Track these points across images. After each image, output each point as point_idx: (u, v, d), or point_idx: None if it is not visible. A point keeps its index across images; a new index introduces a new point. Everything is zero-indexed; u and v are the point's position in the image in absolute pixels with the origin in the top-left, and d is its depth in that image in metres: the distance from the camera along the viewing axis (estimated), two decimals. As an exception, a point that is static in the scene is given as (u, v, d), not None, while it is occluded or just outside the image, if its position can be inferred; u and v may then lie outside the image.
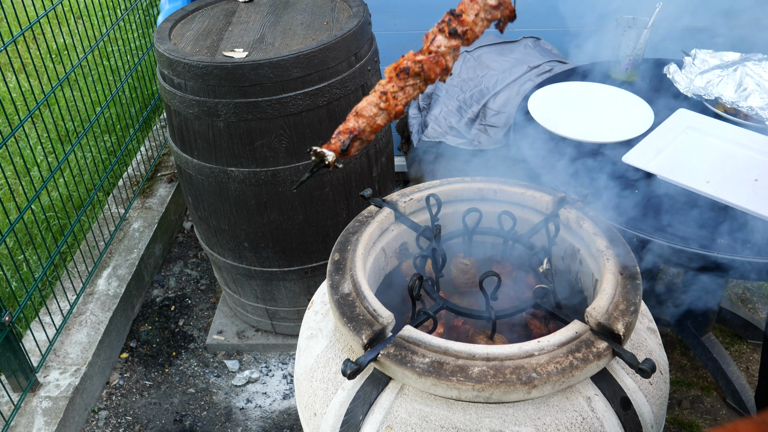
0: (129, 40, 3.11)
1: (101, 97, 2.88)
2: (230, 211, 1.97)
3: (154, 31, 1.94)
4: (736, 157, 1.58)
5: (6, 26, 3.90)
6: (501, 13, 1.06)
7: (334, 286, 1.13)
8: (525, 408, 0.99)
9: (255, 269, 2.13)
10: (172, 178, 3.07)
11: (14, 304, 2.34)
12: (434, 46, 1.02)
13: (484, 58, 2.49)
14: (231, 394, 2.27)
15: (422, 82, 1.02)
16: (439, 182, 1.38)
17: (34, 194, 2.13)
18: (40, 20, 2.13)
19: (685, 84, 1.88)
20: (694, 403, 2.14)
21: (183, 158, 1.95)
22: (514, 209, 1.32)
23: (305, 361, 1.20)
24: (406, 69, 1.01)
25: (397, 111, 1.01)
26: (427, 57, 1.02)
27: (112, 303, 2.41)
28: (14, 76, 2.87)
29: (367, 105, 1.01)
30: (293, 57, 1.71)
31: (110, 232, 2.68)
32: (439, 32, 1.03)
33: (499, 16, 1.06)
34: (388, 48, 2.77)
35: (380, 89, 1.01)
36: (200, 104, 1.78)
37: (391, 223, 1.32)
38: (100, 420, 2.20)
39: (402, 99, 1.01)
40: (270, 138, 1.81)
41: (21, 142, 3.08)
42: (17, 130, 2.05)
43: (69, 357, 2.19)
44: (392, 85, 1.01)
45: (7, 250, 2.41)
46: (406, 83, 1.01)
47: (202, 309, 2.63)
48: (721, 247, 1.34)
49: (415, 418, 1.00)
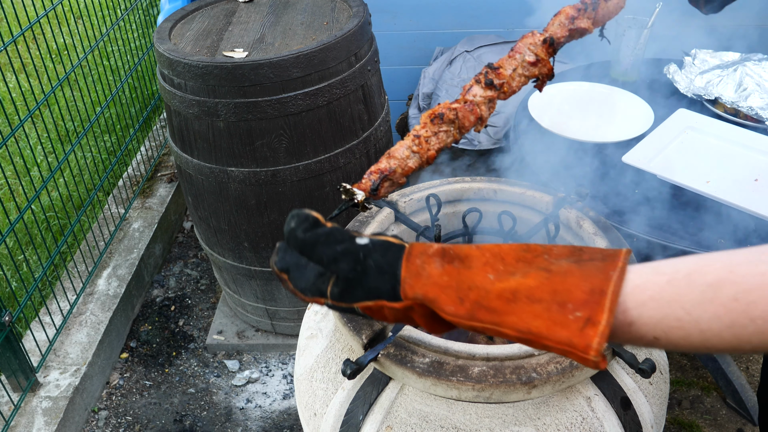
0: (129, 40, 3.11)
1: (101, 97, 2.88)
2: (230, 211, 1.97)
3: (154, 31, 1.94)
4: (736, 157, 1.58)
5: (6, 26, 3.90)
6: (539, 71, 1.09)
7: (334, 286, 1.13)
8: (525, 408, 0.99)
9: (255, 269, 2.13)
10: (172, 178, 3.07)
11: (14, 304, 2.34)
12: (470, 96, 1.06)
13: (484, 58, 2.50)
14: (231, 394, 2.28)
15: (456, 129, 1.05)
16: (439, 182, 1.38)
17: (34, 194, 2.13)
18: (40, 20, 2.13)
19: (685, 84, 1.88)
20: (694, 403, 2.14)
21: (183, 158, 1.96)
22: (514, 209, 1.32)
23: (305, 361, 1.20)
24: (440, 115, 1.03)
25: (429, 156, 1.03)
26: (462, 105, 1.04)
27: (112, 303, 2.41)
28: (14, 76, 2.87)
29: (400, 147, 1.02)
30: (293, 57, 1.71)
31: (110, 232, 2.68)
32: (476, 83, 1.06)
33: (537, 73, 1.09)
34: (388, 48, 2.78)
35: (414, 133, 1.03)
36: (200, 104, 1.78)
37: (391, 223, 1.32)
38: (100, 420, 2.20)
39: (435, 144, 1.03)
40: (270, 138, 1.81)
41: (21, 142, 3.08)
42: (17, 130, 2.05)
43: (69, 357, 2.19)
44: (426, 130, 1.03)
45: (7, 250, 2.41)
46: (439, 129, 1.03)
47: (202, 309, 2.63)
48: (722, 247, 1.34)
49: (415, 418, 1.00)
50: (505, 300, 0.58)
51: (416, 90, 2.58)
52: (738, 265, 0.53)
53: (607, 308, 0.54)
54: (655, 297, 0.54)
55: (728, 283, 0.52)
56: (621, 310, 0.55)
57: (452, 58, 2.56)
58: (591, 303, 0.55)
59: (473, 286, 0.60)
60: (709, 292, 0.53)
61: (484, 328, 0.59)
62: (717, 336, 0.52)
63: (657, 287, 0.55)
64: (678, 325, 0.53)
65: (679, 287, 0.54)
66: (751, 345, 0.52)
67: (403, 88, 2.91)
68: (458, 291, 0.60)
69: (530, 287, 0.57)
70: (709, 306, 0.52)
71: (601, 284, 0.55)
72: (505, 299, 0.58)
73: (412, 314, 0.63)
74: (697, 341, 0.53)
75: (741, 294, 0.51)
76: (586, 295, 0.55)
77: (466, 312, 0.59)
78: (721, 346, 0.53)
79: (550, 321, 0.56)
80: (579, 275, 0.57)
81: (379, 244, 0.65)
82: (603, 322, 0.54)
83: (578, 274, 0.57)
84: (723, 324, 0.52)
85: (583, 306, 0.55)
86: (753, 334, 0.51)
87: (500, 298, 0.58)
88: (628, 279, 0.56)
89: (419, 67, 2.71)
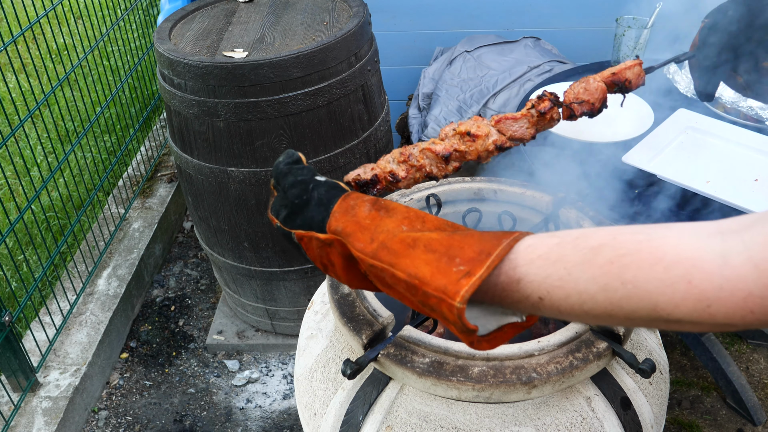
0: (129, 40, 3.11)
1: (101, 97, 2.88)
2: (230, 211, 1.97)
3: (154, 31, 1.94)
4: (736, 157, 1.58)
5: (6, 26, 3.90)
6: None
7: (334, 286, 1.13)
8: (525, 408, 0.99)
9: (255, 269, 2.13)
10: (172, 178, 3.07)
11: (14, 304, 2.34)
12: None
13: (484, 58, 2.49)
14: (231, 394, 2.27)
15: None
16: (439, 182, 1.38)
17: (34, 194, 2.13)
18: (40, 20, 2.13)
19: (685, 84, 1.87)
20: (694, 403, 2.14)
21: (183, 158, 1.96)
22: (514, 209, 1.32)
23: (305, 361, 1.20)
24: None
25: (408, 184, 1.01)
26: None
27: (112, 303, 2.41)
28: (14, 76, 2.87)
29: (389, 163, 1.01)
30: (293, 57, 1.71)
31: (110, 232, 2.68)
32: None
33: None
34: (388, 48, 2.77)
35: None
36: (200, 104, 1.78)
37: (391, 223, 1.32)
38: (100, 420, 2.20)
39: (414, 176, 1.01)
40: (270, 138, 1.81)
41: (21, 142, 3.08)
42: (17, 130, 2.05)
43: (69, 357, 2.19)
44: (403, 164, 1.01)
45: (7, 250, 2.41)
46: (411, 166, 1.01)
47: (202, 309, 2.63)
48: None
49: (415, 418, 1.00)
50: (406, 245, 0.63)
51: (416, 90, 2.58)
52: (621, 234, 0.55)
53: (486, 265, 0.57)
54: (542, 256, 0.57)
55: (608, 248, 0.54)
56: (511, 267, 0.57)
57: (452, 58, 2.56)
58: (475, 261, 0.58)
59: (386, 230, 0.65)
60: (590, 255, 0.54)
61: (382, 268, 0.63)
62: (592, 299, 0.54)
63: (546, 248, 0.57)
64: (559, 284, 0.55)
65: (565, 249, 0.56)
66: (623, 312, 0.53)
67: (403, 88, 2.91)
68: (373, 232, 0.66)
69: (430, 239, 0.62)
70: (587, 267, 0.54)
71: (490, 248, 0.59)
72: (406, 244, 0.63)
73: (331, 251, 0.69)
74: (576, 303, 0.55)
75: (616, 257, 0.53)
76: (475, 254, 0.59)
77: (371, 250, 0.65)
78: (597, 311, 0.55)
79: (436, 269, 0.59)
80: (476, 239, 0.61)
81: (329, 182, 0.74)
82: (477, 275, 0.57)
83: (476, 237, 0.61)
84: (598, 286, 0.54)
85: (468, 262, 0.58)
86: (623, 298, 0.53)
87: (402, 243, 0.63)
88: (524, 240, 0.59)
89: (419, 67, 2.71)
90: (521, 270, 0.57)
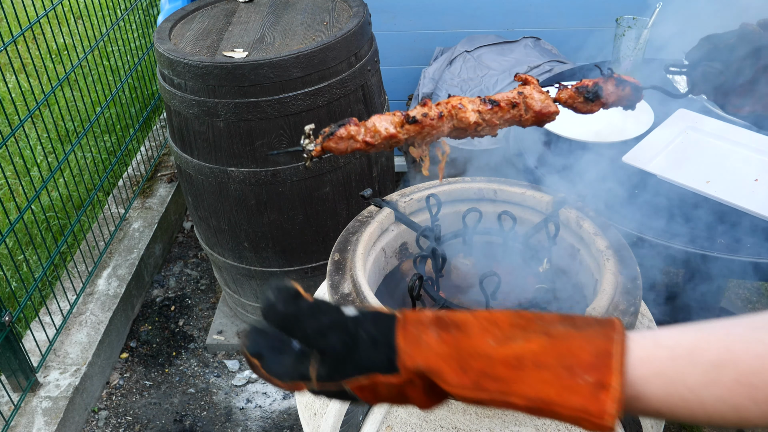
0: (129, 40, 3.11)
1: (101, 97, 2.88)
2: (230, 211, 1.97)
3: (154, 31, 1.94)
4: (736, 157, 1.58)
5: (6, 26, 3.90)
6: None
7: (334, 286, 1.13)
8: (525, 408, 0.99)
9: (255, 269, 2.13)
10: (172, 178, 3.07)
11: (14, 304, 2.34)
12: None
13: (484, 58, 2.50)
14: (231, 394, 2.28)
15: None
16: (439, 182, 1.38)
17: (34, 194, 2.13)
18: (40, 20, 2.13)
19: (685, 84, 1.87)
20: (694, 403, 2.14)
21: (183, 158, 1.96)
22: (514, 209, 1.32)
23: (305, 361, 1.20)
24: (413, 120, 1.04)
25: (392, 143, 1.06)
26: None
27: (112, 303, 2.41)
28: (14, 76, 2.87)
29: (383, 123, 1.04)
30: (293, 57, 1.71)
31: (110, 232, 2.68)
32: None
33: None
34: (388, 48, 2.77)
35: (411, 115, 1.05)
36: (200, 104, 1.78)
37: (391, 223, 1.32)
38: (100, 420, 2.20)
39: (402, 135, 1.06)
40: (270, 138, 1.81)
41: (21, 142, 3.08)
42: (17, 130, 2.05)
43: (69, 357, 2.19)
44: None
45: (7, 250, 2.41)
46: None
47: (202, 309, 2.63)
48: (721, 248, 1.34)
49: (415, 418, 1.00)
50: (511, 367, 0.55)
51: (416, 90, 2.58)
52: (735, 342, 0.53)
53: (617, 370, 0.53)
54: (659, 373, 0.53)
55: (730, 365, 0.52)
56: (627, 383, 0.54)
57: (452, 58, 2.56)
58: (599, 366, 0.53)
59: (475, 354, 0.57)
60: (712, 373, 0.52)
61: (491, 398, 0.56)
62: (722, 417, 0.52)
63: (660, 363, 0.54)
64: (683, 404, 0.53)
65: (682, 365, 0.53)
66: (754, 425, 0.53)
67: (403, 88, 2.91)
68: (460, 360, 0.57)
69: (535, 352, 0.55)
70: (713, 387, 0.52)
71: (605, 346, 0.54)
72: (511, 366, 0.55)
73: (409, 389, 0.59)
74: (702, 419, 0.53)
75: (743, 377, 0.51)
76: (593, 357, 0.54)
77: (471, 382, 0.56)
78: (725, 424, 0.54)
79: (560, 388, 0.53)
80: (581, 338, 0.55)
81: (369, 314, 0.61)
82: (615, 385, 0.52)
83: (579, 337, 0.55)
84: (728, 406, 0.52)
85: (591, 369, 0.53)
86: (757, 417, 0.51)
87: (506, 365, 0.56)
88: (631, 349, 0.55)
89: (419, 67, 2.71)
90: (638, 388, 0.54)
